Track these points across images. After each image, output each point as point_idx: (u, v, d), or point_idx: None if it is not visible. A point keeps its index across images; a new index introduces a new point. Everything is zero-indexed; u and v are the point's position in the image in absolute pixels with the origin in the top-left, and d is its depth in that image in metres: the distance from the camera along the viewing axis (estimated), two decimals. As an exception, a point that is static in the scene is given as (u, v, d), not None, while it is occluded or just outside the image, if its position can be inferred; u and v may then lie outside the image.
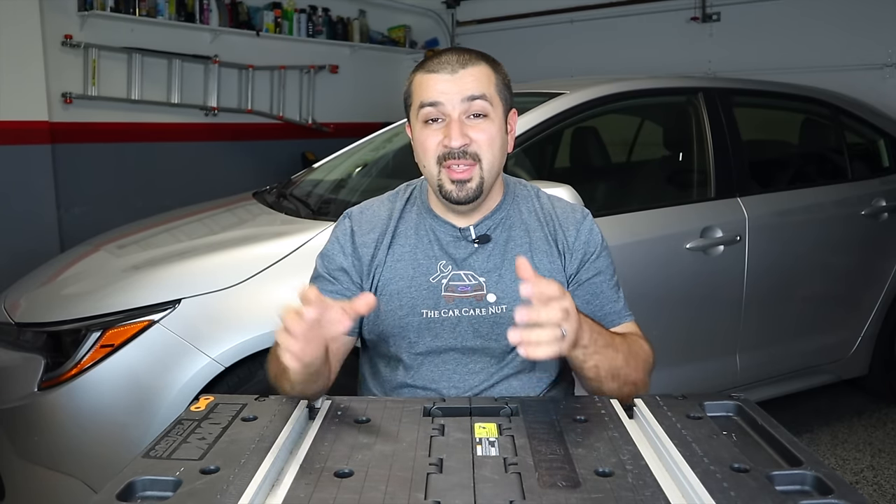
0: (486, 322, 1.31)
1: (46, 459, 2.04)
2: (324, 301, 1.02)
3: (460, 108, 1.25)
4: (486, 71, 1.28)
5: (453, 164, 1.25)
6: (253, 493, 0.80)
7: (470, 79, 1.26)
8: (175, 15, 4.87)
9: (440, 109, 1.26)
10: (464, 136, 1.25)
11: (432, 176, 1.29)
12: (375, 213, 1.39)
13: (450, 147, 1.24)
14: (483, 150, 1.26)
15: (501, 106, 1.30)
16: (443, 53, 1.30)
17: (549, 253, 1.35)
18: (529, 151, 2.79)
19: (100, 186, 4.62)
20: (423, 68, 1.29)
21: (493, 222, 1.35)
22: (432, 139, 1.27)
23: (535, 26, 5.67)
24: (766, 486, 0.81)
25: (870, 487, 2.67)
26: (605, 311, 1.35)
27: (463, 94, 1.25)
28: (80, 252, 2.60)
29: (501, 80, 1.31)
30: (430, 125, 1.28)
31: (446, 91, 1.25)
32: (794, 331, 2.99)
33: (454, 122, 1.25)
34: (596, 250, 1.37)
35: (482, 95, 1.26)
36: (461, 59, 1.27)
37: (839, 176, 3.25)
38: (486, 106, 1.26)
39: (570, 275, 1.36)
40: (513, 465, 0.88)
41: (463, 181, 1.26)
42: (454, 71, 1.26)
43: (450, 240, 1.34)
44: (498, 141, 1.29)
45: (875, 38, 4.21)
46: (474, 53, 1.30)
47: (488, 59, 1.31)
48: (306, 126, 5.70)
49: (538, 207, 1.39)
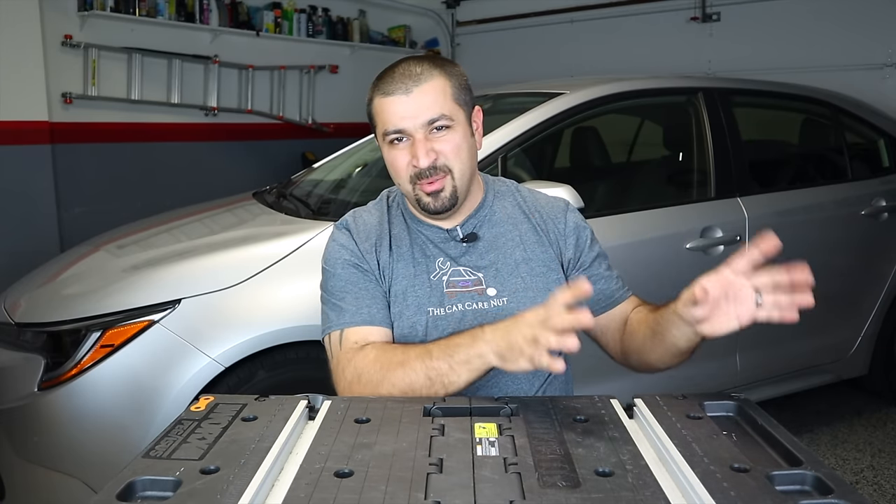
0: (489, 315, 1.32)
1: (46, 459, 2.04)
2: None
3: (422, 129, 1.27)
4: (440, 82, 1.28)
5: (425, 181, 1.28)
6: (253, 493, 0.80)
7: (426, 98, 1.26)
8: (175, 15, 4.88)
9: (404, 133, 1.28)
10: (429, 153, 1.27)
11: (409, 192, 1.32)
12: (367, 221, 1.40)
13: (419, 167, 1.27)
14: (451, 160, 1.28)
15: (462, 112, 1.31)
16: (395, 69, 1.30)
17: (541, 242, 1.38)
18: (529, 151, 2.79)
19: (100, 186, 4.63)
20: (379, 91, 1.30)
21: (477, 220, 1.38)
22: (401, 160, 1.29)
23: (535, 26, 5.67)
24: (766, 486, 0.81)
25: (870, 487, 2.67)
26: (612, 289, 1.39)
27: (422, 119, 1.26)
28: (80, 252, 2.60)
29: (457, 84, 1.31)
30: (396, 144, 1.30)
31: (405, 115, 1.26)
32: (794, 331, 2.96)
33: (419, 143, 1.27)
34: (587, 234, 1.42)
35: (441, 116, 1.27)
36: (413, 76, 1.27)
37: (839, 176, 3.25)
38: (446, 121, 1.28)
39: (569, 260, 1.39)
40: (513, 465, 0.88)
41: (437, 192, 1.29)
42: (408, 91, 1.26)
43: (440, 240, 1.36)
44: (465, 147, 1.30)
45: (875, 38, 4.21)
46: (425, 65, 1.29)
47: (439, 66, 1.30)
48: (306, 126, 5.71)
49: (521, 201, 1.43)
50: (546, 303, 1.05)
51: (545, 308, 1.04)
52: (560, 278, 1.37)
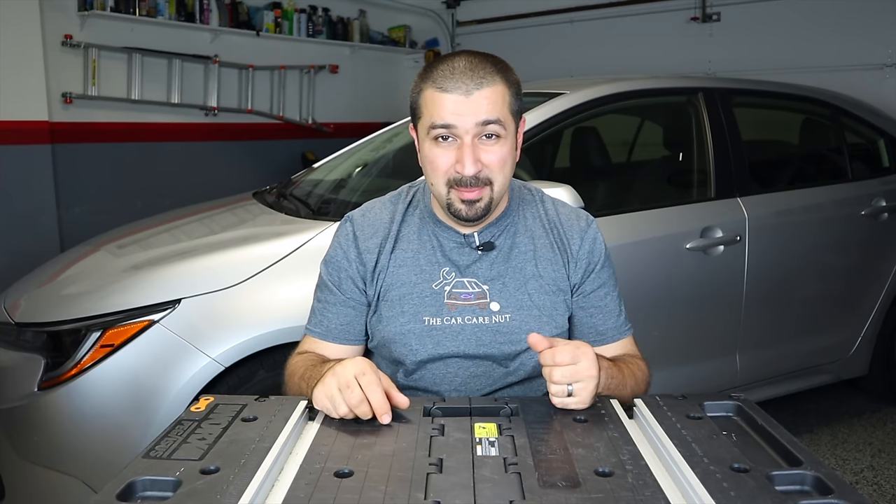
0: (489, 330, 1.30)
1: (46, 459, 2.04)
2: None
3: (473, 131, 1.20)
4: (500, 89, 1.22)
5: (464, 189, 1.23)
6: (253, 493, 0.80)
7: (484, 102, 1.20)
8: (175, 15, 4.87)
9: (452, 131, 1.22)
10: (476, 162, 1.21)
11: (441, 195, 1.26)
12: (377, 217, 1.37)
13: (462, 174, 1.21)
14: (495, 172, 1.23)
15: (514, 122, 1.26)
16: (455, 64, 1.22)
17: (554, 260, 1.34)
18: (529, 151, 2.79)
19: (100, 186, 4.62)
20: (434, 84, 1.22)
21: (497, 229, 1.34)
22: (443, 159, 1.23)
23: (535, 26, 5.67)
24: (765, 486, 0.81)
25: (870, 487, 2.67)
26: (608, 325, 1.36)
27: (477, 119, 1.20)
28: (80, 252, 2.60)
29: (514, 92, 1.25)
30: (440, 143, 1.23)
31: (459, 113, 1.20)
32: (794, 331, 2.99)
33: (467, 147, 1.20)
34: (599, 260, 1.36)
35: (496, 120, 1.21)
36: (475, 78, 1.20)
37: (839, 176, 3.25)
38: (499, 129, 1.22)
39: (575, 284, 1.35)
40: (513, 465, 0.88)
41: (473, 201, 1.24)
42: (468, 93, 1.19)
43: (453, 246, 1.33)
44: (509, 161, 1.26)
45: (875, 38, 4.21)
46: (488, 67, 1.22)
47: (501, 71, 1.24)
48: (306, 126, 5.71)
49: (542, 213, 1.38)
50: (365, 367, 1.06)
51: (363, 374, 1.05)
52: (567, 299, 1.34)
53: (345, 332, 1.34)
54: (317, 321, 1.36)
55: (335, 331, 1.34)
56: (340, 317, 1.34)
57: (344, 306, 1.33)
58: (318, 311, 1.36)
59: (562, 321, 1.33)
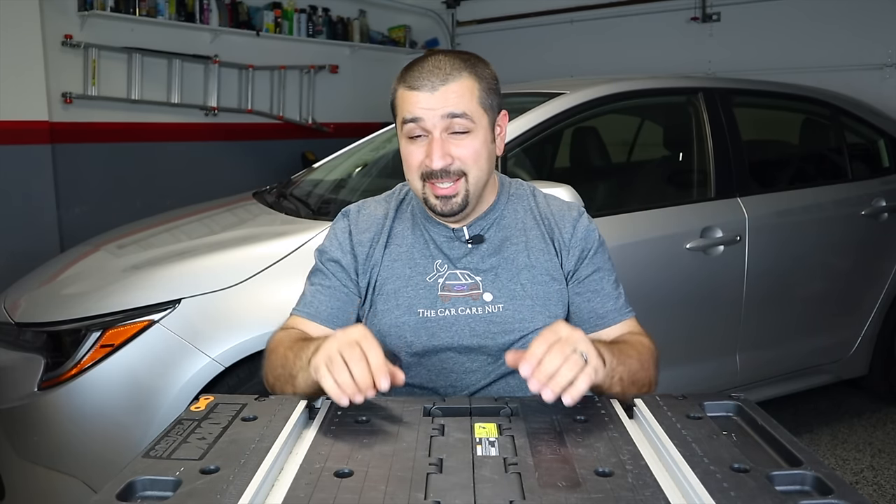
0: (482, 321, 1.31)
1: (46, 459, 2.04)
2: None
3: (441, 124, 1.23)
4: (468, 83, 1.24)
5: (437, 182, 1.26)
6: (253, 493, 0.80)
7: (451, 96, 1.23)
8: (175, 15, 4.87)
9: (421, 125, 1.24)
10: (445, 155, 1.24)
11: (417, 190, 1.30)
12: (372, 213, 1.40)
13: (431, 168, 1.24)
14: (468, 165, 1.26)
15: (486, 116, 1.27)
16: (424, 63, 1.26)
17: (546, 251, 1.35)
18: (529, 151, 2.79)
19: (100, 186, 4.62)
20: (405, 83, 1.26)
21: (486, 222, 1.35)
22: (415, 156, 1.27)
23: (535, 26, 5.67)
24: (766, 487, 0.81)
25: (870, 487, 2.67)
26: (607, 308, 1.35)
27: (444, 111, 1.22)
28: (80, 252, 2.60)
29: (486, 86, 1.27)
30: (413, 141, 1.27)
31: (426, 107, 1.23)
32: (795, 331, 2.99)
33: (435, 141, 1.23)
34: (593, 246, 1.36)
35: (462, 114, 1.23)
36: (442, 74, 1.23)
37: (839, 176, 3.25)
38: (467, 123, 1.24)
39: (569, 272, 1.36)
40: (513, 465, 0.88)
41: (448, 196, 1.26)
42: (434, 89, 1.23)
43: (444, 240, 1.35)
44: (484, 153, 1.27)
45: (875, 38, 4.21)
46: (456, 62, 1.25)
47: (470, 66, 1.27)
48: (306, 126, 5.71)
49: (534, 206, 1.39)
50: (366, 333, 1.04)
51: (364, 337, 1.03)
52: (562, 289, 1.34)
53: (333, 317, 1.34)
54: (306, 302, 1.36)
55: (324, 313, 1.34)
56: (332, 300, 1.34)
57: (336, 291, 1.35)
58: (308, 294, 1.37)
59: (556, 310, 1.33)
